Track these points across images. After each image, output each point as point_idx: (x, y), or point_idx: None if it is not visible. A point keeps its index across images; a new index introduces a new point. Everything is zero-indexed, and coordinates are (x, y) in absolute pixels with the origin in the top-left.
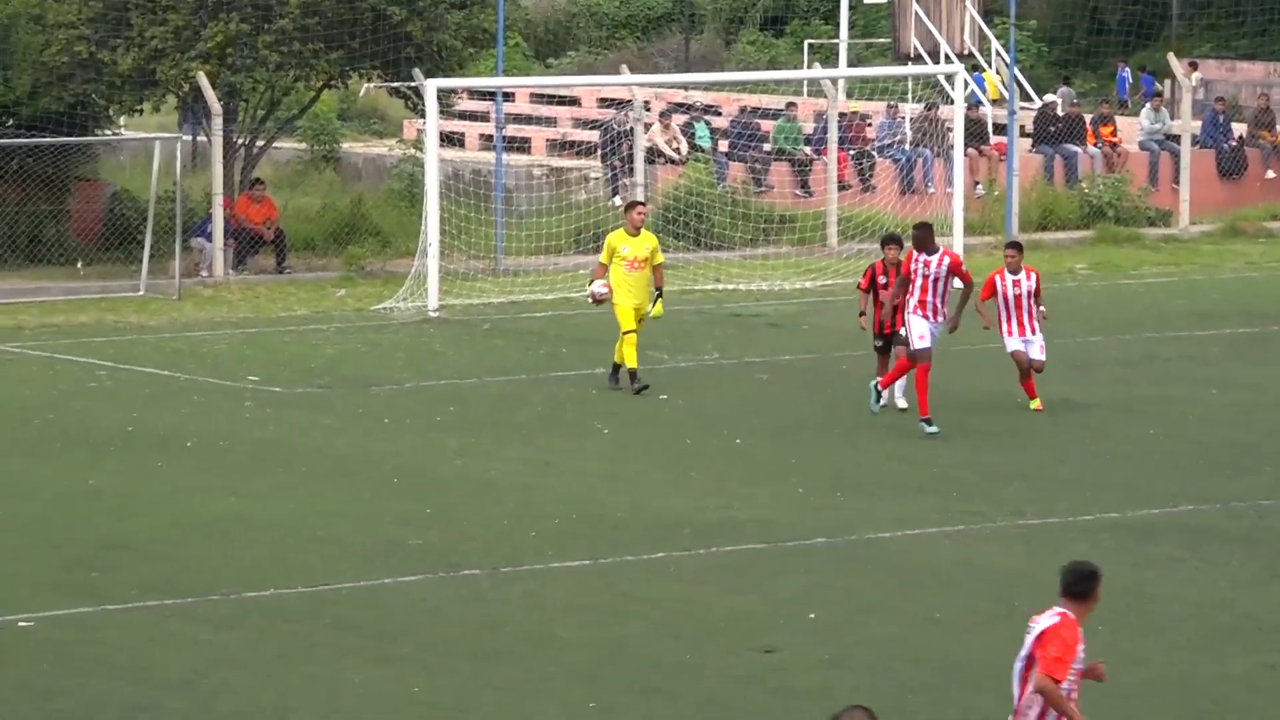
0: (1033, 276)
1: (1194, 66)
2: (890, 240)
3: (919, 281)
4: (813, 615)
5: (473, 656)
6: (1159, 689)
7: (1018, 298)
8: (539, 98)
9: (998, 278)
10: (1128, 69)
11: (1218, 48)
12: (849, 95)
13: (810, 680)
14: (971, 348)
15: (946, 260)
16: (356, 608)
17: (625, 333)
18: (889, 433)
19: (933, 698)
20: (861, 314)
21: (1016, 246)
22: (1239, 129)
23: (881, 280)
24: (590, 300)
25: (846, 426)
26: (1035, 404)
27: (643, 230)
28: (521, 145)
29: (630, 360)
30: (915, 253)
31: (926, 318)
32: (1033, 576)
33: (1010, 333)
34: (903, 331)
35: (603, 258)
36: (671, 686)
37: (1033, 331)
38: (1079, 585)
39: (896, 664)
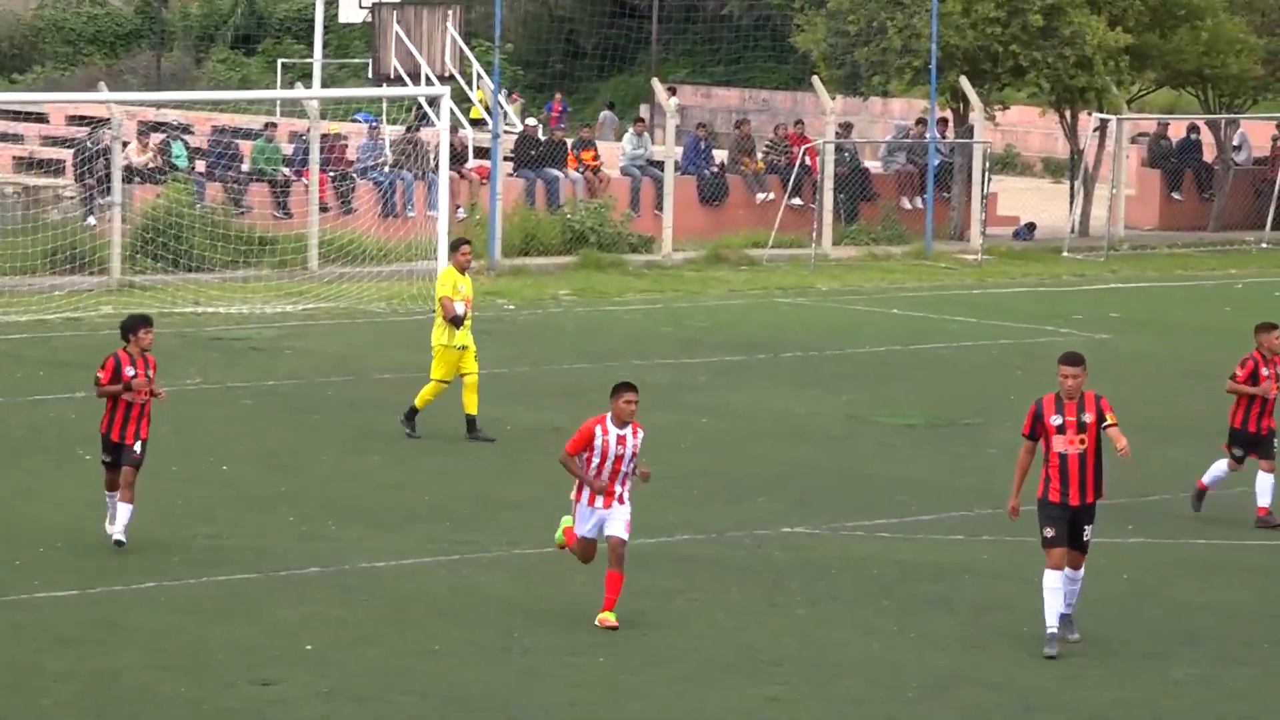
0: (639, 434)
1: (673, 92)
2: (140, 323)
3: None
4: (309, 646)
5: None
6: None
7: (618, 459)
8: (3, 114)
9: (598, 428)
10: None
11: (694, 73)
12: (323, 116)
13: (310, 712)
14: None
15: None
16: None
17: (467, 374)
18: (381, 461)
19: None
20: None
21: (633, 389)
22: (720, 155)
23: (129, 372)
24: (453, 317)
25: (336, 453)
26: (608, 617)
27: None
28: None
29: (473, 407)
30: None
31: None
32: (529, 605)
33: (591, 501)
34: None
35: (448, 291)
36: None
37: (620, 501)
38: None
39: (397, 696)
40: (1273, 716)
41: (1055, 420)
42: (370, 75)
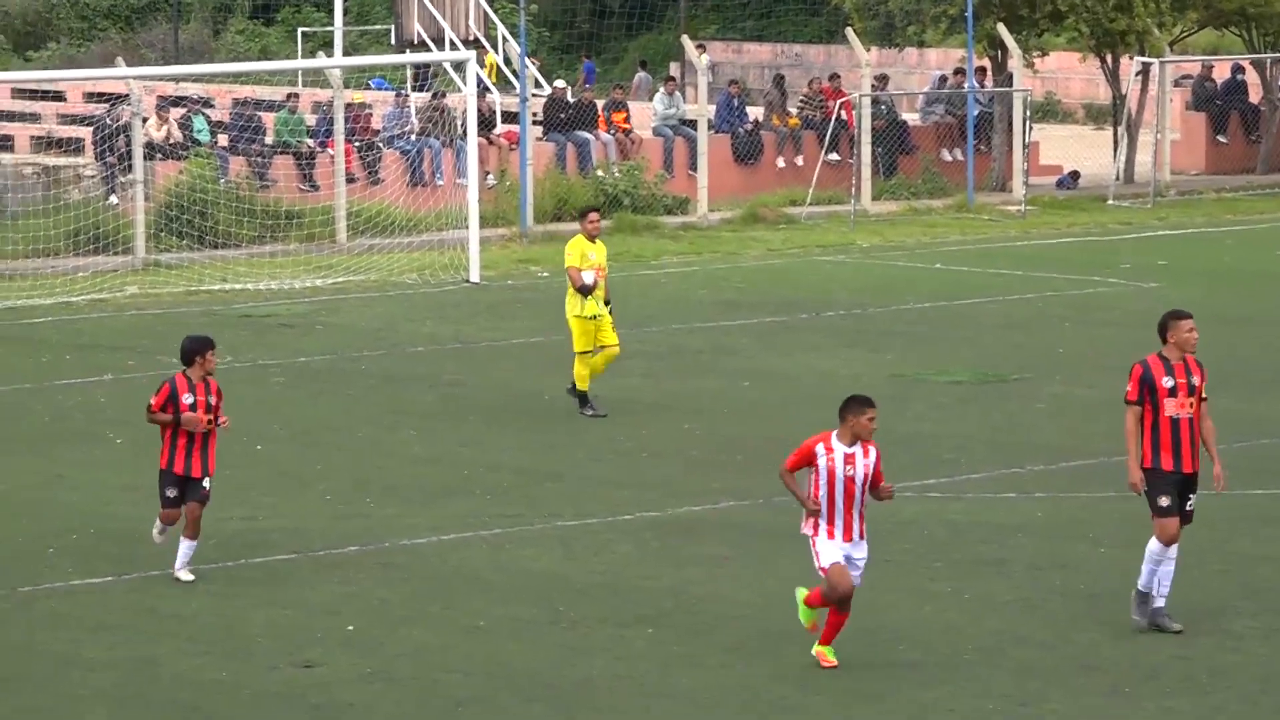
0: (872, 453)
1: (703, 49)
2: (205, 345)
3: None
4: (351, 627)
5: None
6: (715, 692)
7: (848, 481)
8: (20, 93)
9: (820, 446)
10: (592, 60)
11: (724, 29)
12: (346, 85)
13: (353, 694)
14: (495, 344)
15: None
16: None
17: (588, 351)
18: (417, 436)
19: (483, 709)
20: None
21: (874, 404)
22: (754, 113)
23: (188, 400)
24: (581, 287)
25: (369, 429)
26: (825, 653)
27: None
28: (3, 143)
29: (585, 382)
30: None
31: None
32: (574, 579)
33: (831, 533)
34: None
35: (575, 261)
36: (209, 706)
37: (860, 537)
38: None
39: (442, 675)
40: None
41: (1167, 382)
42: (393, 41)
